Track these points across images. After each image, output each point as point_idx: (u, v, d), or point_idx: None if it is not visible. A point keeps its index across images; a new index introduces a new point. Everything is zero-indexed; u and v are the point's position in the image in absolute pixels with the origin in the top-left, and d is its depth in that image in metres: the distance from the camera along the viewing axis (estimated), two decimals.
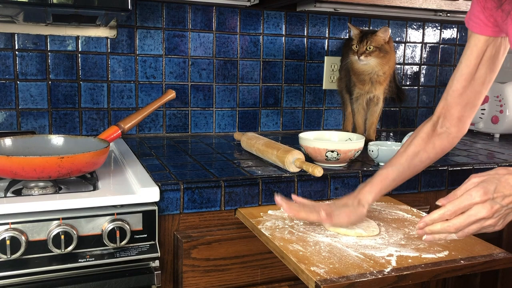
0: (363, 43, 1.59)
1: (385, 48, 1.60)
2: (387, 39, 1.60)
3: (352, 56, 1.63)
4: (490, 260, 0.95)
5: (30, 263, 1.01)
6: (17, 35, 1.58)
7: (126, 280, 1.08)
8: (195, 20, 1.78)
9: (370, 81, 1.65)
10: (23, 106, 1.62)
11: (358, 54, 1.59)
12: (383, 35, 1.59)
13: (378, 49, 1.59)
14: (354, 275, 0.87)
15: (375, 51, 1.59)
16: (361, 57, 1.59)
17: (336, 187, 1.32)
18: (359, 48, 1.60)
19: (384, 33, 1.59)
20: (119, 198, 1.09)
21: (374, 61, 1.60)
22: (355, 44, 1.62)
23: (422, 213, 1.22)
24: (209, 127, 1.87)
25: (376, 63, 1.61)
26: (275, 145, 1.37)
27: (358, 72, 1.66)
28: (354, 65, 1.66)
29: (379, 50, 1.59)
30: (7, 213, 1.01)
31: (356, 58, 1.60)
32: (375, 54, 1.59)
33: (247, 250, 1.24)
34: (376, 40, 1.59)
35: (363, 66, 1.62)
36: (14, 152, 1.21)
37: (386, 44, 1.61)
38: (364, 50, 1.58)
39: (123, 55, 1.72)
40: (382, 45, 1.60)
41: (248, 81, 1.90)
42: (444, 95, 1.13)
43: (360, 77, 1.66)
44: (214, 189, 1.20)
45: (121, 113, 1.74)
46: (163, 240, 1.18)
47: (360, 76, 1.66)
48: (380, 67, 1.62)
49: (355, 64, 1.65)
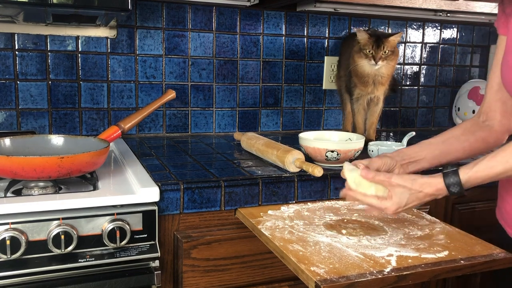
0: (380, 48, 1.57)
1: (396, 51, 1.61)
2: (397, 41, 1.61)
3: (366, 61, 1.59)
4: (490, 260, 0.95)
5: (30, 263, 1.01)
6: (17, 35, 1.58)
7: (126, 280, 1.08)
8: (195, 20, 1.78)
9: (373, 83, 1.64)
10: (23, 106, 1.62)
11: (375, 59, 1.57)
12: (398, 39, 1.59)
13: (392, 52, 1.59)
14: (354, 275, 0.87)
15: (390, 55, 1.59)
16: (379, 62, 1.58)
17: (336, 187, 1.32)
18: (376, 53, 1.57)
19: (399, 37, 1.59)
20: (119, 198, 1.09)
21: (388, 64, 1.60)
22: (368, 49, 1.58)
23: (422, 213, 1.22)
24: (209, 127, 1.87)
25: (391, 66, 1.61)
26: (275, 145, 1.37)
27: (362, 75, 1.63)
28: (362, 69, 1.62)
29: (392, 53, 1.60)
30: (7, 213, 1.01)
31: (372, 63, 1.58)
32: (390, 58, 1.59)
33: (247, 250, 1.24)
34: (391, 44, 1.58)
35: (372, 69, 1.60)
36: (14, 152, 1.21)
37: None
38: (381, 55, 1.57)
39: (123, 55, 1.72)
40: (395, 48, 1.60)
41: (248, 81, 1.90)
42: (485, 95, 1.17)
43: (363, 79, 1.64)
44: (214, 189, 1.20)
45: (121, 113, 1.74)
46: (163, 240, 1.18)
47: (363, 78, 1.64)
48: (387, 69, 1.62)
49: (364, 68, 1.61)
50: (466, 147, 1.15)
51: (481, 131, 1.15)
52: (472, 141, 1.15)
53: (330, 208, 1.25)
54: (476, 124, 1.17)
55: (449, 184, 0.97)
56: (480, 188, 1.52)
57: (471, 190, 1.00)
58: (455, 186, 0.97)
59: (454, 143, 1.15)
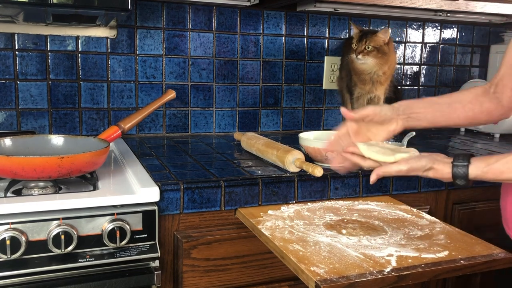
0: (362, 42, 1.60)
1: (383, 49, 1.61)
2: (386, 40, 1.60)
3: (351, 54, 1.64)
4: (490, 260, 0.95)
5: (30, 263, 1.01)
6: (17, 35, 1.58)
7: (126, 280, 1.08)
8: (195, 20, 1.78)
9: (371, 81, 1.65)
10: (23, 106, 1.62)
11: (356, 52, 1.60)
12: (383, 36, 1.59)
13: (377, 50, 1.60)
14: (354, 275, 0.87)
15: (373, 51, 1.59)
16: (359, 55, 1.60)
17: (336, 187, 1.32)
18: (357, 47, 1.61)
19: (384, 34, 1.59)
20: (119, 198, 1.09)
21: (372, 61, 1.61)
22: (354, 43, 1.62)
23: (422, 213, 1.22)
24: (209, 127, 1.87)
25: (374, 63, 1.61)
26: (275, 145, 1.37)
27: (359, 72, 1.66)
28: (353, 64, 1.66)
29: (377, 51, 1.60)
30: (7, 213, 1.01)
31: (354, 56, 1.62)
32: (373, 54, 1.60)
33: (247, 250, 1.24)
34: (376, 40, 1.59)
35: (361, 65, 1.63)
36: (14, 152, 1.21)
37: (385, 45, 1.61)
38: (363, 49, 1.59)
39: (123, 55, 1.72)
40: (381, 46, 1.60)
41: (248, 81, 1.90)
42: (499, 67, 1.14)
43: (360, 76, 1.66)
44: (214, 189, 1.20)
45: (121, 113, 1.74)
46: (163, 240, 1.18)
47: (361, 76, 1.66)
48: (378, 67, 1.62)
49: (354, 63, 1.65)
50: (469, 116, 1.13)
51: (489, 102, 1.13)
52: (477, 111, 1.13)
53: (330, 208, 1.25)
54: (486, 93, 1.14)
55: (456, 176, 0.97)
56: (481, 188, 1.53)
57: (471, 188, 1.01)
58: (461, 179, 0.97)
59: (458, 109, 1.13)
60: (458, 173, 0.97)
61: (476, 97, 1.14)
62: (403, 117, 1.11)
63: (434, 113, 1.13)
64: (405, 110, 1.11)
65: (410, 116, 1.11)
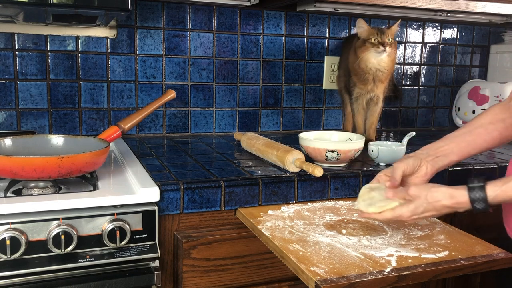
0: (386, 34, 1.55)
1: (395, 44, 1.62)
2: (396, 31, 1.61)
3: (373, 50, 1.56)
4: (490, 260, 0.95)
5: (30, 263, 1.01)
6: (17, 35, 1.58)
7: (126, 280, 1.08)
8: (195, 20, 1.78)
9: (373, 80, 1.63)
10: (23, 106, 1.62)
11: (384, 45, 1.54)
12: (398, 28, 1.61)
13: (394, 42, 1.60)
14: (354, 275, 0.87)
15: (393, 43, 1.59)
16: (388, 48, 1.55)
17: (336, 187, 1.32)
18: (383, 40, 1.54)
19: (398, 27, 1.60)
20: (119, 198, 1.09)
21: (392, 54, 1.58)
22: (373, 38, 1.56)
23: None
24: (209, 127, 1.87)
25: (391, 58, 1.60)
26: (275, 145, 1.37)
27: (365, 71, 1.61)
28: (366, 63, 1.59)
29: (394, 44, 1.60)
30: (7, 213, 1.01)
31: (381, 49, 1.54)
32: (393, 48, 1.58)
33: (247, 250, 1.24)
34: (392, 31, 1.58)
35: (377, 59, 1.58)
36: (14, 152, 1.21)
37: None
38: (387, 41, 1.55)
39: (123, 55, 1.72)
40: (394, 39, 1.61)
41: (248, 81, 1.90)
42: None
43: (363, 76, 1.62)
44: (214, 189, 1.20)
45: (121, 113, 1.74)
46: (163, 240, 1.18)
47: (364, 76, 1.62)
48: (388, 62, 1.60)
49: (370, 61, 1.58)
50: (495, 137, 1.11)
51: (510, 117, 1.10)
52: (502, 129, 1.10)
53: (330, 208, 1.25)
54: (505, 109, 1.11)
55: (474, 199, 0.93)
56: None
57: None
58: (480, 202, 0.93)
59: (481, 133, 1.11)
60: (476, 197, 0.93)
61: (495, 116, 1.12)
62: (429, 160, 1.10)
63: (459, 144, 1.11)
64: (429, 152, 1.11)
65: (437, 156, 1.10)
